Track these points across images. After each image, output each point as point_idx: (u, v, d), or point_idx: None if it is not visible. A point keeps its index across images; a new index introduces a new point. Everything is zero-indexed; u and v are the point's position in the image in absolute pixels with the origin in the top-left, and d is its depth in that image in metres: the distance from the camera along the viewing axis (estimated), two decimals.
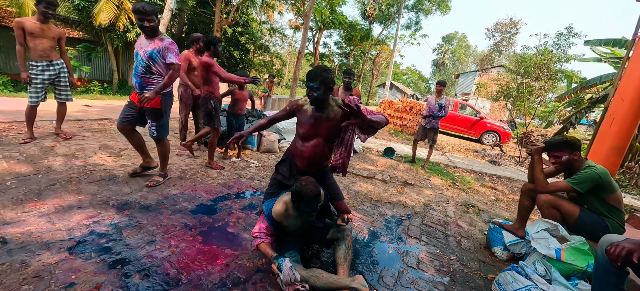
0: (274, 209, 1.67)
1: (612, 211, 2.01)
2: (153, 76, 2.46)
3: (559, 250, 1.72)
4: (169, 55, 2.40)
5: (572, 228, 2.02)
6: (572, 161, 2.13)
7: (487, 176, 5.60)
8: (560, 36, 13.81)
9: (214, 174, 3.23)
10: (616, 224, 1.99)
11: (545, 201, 2.17)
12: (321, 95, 1.63)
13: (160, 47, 2.39)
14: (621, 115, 2.38)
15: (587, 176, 2.00)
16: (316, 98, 1.63)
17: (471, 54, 43.63)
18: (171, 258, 1.73)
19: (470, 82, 23.24)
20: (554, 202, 2.13)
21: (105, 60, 12.00)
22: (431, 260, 2.21)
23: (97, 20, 9.35)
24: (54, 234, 1.77)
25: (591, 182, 1.99)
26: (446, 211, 3.32)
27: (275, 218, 1.67)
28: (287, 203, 1.69)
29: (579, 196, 2.09)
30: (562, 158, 2.15)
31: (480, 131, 10.68)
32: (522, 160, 7.75)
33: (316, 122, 1.73)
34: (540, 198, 2.20)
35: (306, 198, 1.53)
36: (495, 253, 2.43)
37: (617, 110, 2.43)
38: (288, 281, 1.46)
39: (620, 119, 2.37)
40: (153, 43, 2.39)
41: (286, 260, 1.52)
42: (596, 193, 2.03)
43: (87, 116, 4.89)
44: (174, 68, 2.45)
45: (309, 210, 1.57)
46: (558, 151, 2.16)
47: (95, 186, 2.48)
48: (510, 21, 30.68)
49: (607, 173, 1.99)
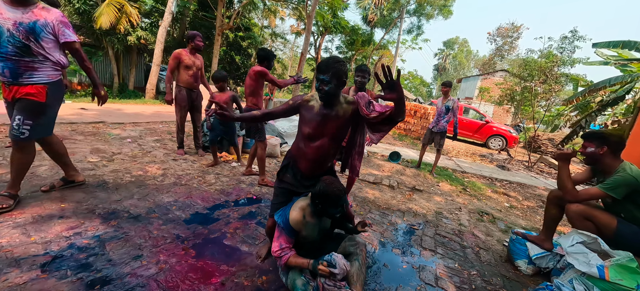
0: (291, 218, 1.48)
1: None
2: (35, 60, 1.83)
3: (601, 267, 1.50)
4: (67, 31, 1.91)
5: (610, 242, 1.79)
6: (599, 157, 1.91)
7: (497, 181, 5.37)
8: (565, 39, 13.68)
9: (211, 180, 3.03)
10: None
11: (576, 212, 1.93)
12: (332, 89, 1.44)
13: (50, 20, 1.83)
14: None
15: (622, 179, 1.78)
16: (327, 92, 1.45)
17: (472, 59, 43.58)
18: (158, 277, 1.52)
19: (473, 87, 23.08)
20: (587, 213, 1.90)
21: (105, 64, 11.91)
22: (450, 276, 1.99)
23: (98, 23, 9.26)
24: (28, 249, 1.57)
25: (627, 186, 1.77)
26: (459, 219, 3.10)
27: (294, 227, 1.47)
28: (304, 209, 1.50)
29: (615, 203, 1.87)
30: (587, 150, 1.95)
31: (486, 135, 10.44)
32: (531, 165, 7.51)
33: (323, 120, 1.52)
34: (571, 208, 1.97)
35: (333, 196, 1.41)
36: (519, 267, 2.21)
37: None
38: (344, 270, 1.39)
39: None
40: (30, 12, 1.78)
41: (334, 254, 1.42)
42: (635, 200, 1.81)
43: (81, 118, 4.72)
44: (77, 47, 1.96)
45: (335, 211, 1.45)
46: (588, 141, 1.98)
47: (82, 192, 2.28)
48: (512, 25, 30.63)
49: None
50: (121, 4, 9.73)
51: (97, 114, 5.42)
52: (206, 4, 13.22)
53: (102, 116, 5.27)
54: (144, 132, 4.58)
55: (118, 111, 6.22)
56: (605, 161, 1.91)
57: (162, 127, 5.22)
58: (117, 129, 4.51)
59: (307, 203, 1.52)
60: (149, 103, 8.86)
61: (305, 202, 1.53)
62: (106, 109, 6.26)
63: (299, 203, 1.53)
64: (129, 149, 3.56)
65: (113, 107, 6.82)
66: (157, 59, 9.91)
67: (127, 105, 7.75)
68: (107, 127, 4.47)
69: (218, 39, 12.36)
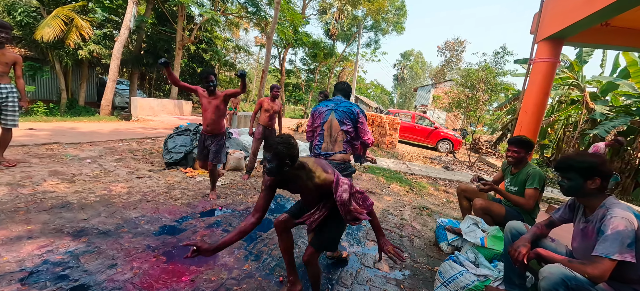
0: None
1: (535, 207, 2.37)
2: None
3: (482, 239, 2.07)
4: None
5: (500, 225, 2.38)
6: (522, 159, 2.43)
7: (440, 180, 6.16)
8: (497, 54, 15.88)
9: (177, 194, 3.22)
10: (529, 218, 2.39)
11: (480, 208, 2.51)
12: (274, 168, 1.45)
13: None
14: (526, 124, 2.93)
15: (538, 173, 2.31)
16: (268, 170, 1.46)
17: (427, 69, 47.34)
18: (134, 280, 1.75)
19: (427, 95, 25.18)
20: (486, 207, 2.49)
21: (52, 78, 11.08)
22: (386, 259, 2.45)
23: (38, 34, 8.65)
24: (2, 267, 1.70)
25: (542, 178, 2.32)
26: (403, 214, 3.65)
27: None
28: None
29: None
30: (520, 154, 2.42)
31: (435, 139, 11.64)
32: (472, 164, 8.60)
33: (296, 189, 1.64)
34: (476, 204, 2.54)
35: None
36: (442, 248, 2.76)
37: (523, 120, 3.00)
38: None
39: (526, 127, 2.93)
40: None
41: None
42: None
43: (33, 140, 4.53)
44: None
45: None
46: (519, 147, 2.42)
47: (47, 214, 2.37)
48: (457, 41, 34.20)
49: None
50: (70, 17, 9.25)
51: (49, 134, 5.20)
52: (165, 18, 12.99)
53: (55, 136, 5.07)
54: (104, 151, 4.55)
55: (72, 130, 5.96)
56: (523, 161, 2.45)
57: (122, 145, 5.18)
58: (74, 149, 4.42)
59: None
60: (104, 120, 8.47)
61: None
62: (59, 128, 5.96)
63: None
64: (90, 170, 3.59)
65: (66, 126, 6.48)
66: (113, 75, 9.52)
67: (81, 123, 7.37)
68: (62, 148, 4.37)
69: (179, 53, 12.19)
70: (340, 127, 2.23)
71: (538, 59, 3.21)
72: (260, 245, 2.38)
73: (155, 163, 4.31)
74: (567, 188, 1.43)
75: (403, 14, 22.51)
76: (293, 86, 25.80)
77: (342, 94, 2.41)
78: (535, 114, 2.98)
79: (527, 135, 2.95)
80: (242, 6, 14.19)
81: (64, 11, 9.07)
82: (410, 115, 12.81)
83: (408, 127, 11.99)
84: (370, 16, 21.26)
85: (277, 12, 7.51)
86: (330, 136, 2.25)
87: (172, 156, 4.19)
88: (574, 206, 1.56)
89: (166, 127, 7.87)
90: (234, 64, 22.20)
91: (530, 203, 2.28)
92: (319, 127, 2.29)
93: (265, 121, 4.22)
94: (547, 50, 3.15)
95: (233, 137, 5.32)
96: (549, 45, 3.16)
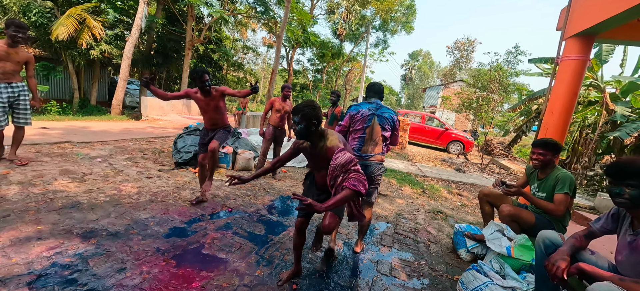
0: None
1: (566, 214, 2.20)
2: None
3: (509, 248, 1.93)
4: None
5: (531, 233, 2.22)
6: (550, 162, 2.26)
7: (453, 183, 5.99)
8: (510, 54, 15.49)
9: (187, 195, 3.17)
10: (560, 226, 2.23)
11: (507, 215, 2.35)
12: (303, 130, 1.63)
13: None
14: (552, 126, 2.76)
15: (567, 177, 2.15)
16: (298, 132, 1.65)
17: (435, 70, 46.73)
18: (143, 285, 1.69)
19: (436, 96, 24.80)
20: (514, 214, 2.32)
21: (65, 78, 11.28)
22: (403, 267, 2.34)
23: (53, 34, 8.82)
24: (11, 269, 1.66)
25: (572, 182, 2.15)
26: (417, 218, 3.52)
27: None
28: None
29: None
30: (546, 157, 2.25)
31: (446, 141, 11.40)
32: (484, 167, 8.37)
33: (314, 157, 1.77)
34: (503, 211, 2.38)
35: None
36: (461, 255, 2.63)
37: (549, 122, 2.82)
38: None
39: (552, 128, 2.75)
40: None
41: None
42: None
43: (45, 139, 4.56)
44: None
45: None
46: (546, 149, 2.26)
47: (57, 214, 2.34)
48: (467, 40, 33.64)
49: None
50: (82, 17, 9.39)
51: (61, 133, 5.24)
52: (175, 18, 13.10)
53: (67, 135, 5.11)
54: (114, 150, 4.55)
55: (84, 129, 6.01)
56: (551, 165, 2.28)
57: (132, 145, 5.18)
58: (85, 148, 4.43)
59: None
60: (115, 120, 8.56)
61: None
62: (70, 127, 6.03)
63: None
64: (100, 169, 3.57)
65: (77, 125, 6.55)
66: (124, 75, 9.63)
67: (92, 122, 7.45)
68: (74, 147, 4.38)
69: (188, 53, 12.27)
70: (381, 131, 2.35)
71: (566, 57, 3.01)
72: (271, 249, 2.30)
73: (165, 163, 4.28)
74: (633, 197, 1.24)
75: (412, 13, 22.20)
76: (300, 86, 25.77)
77: (378, 97, 2.52)
78: (563, 114, 2.79)
79: (554, 137, 2.78)
80: (251, 6, 14.21)
81: (77, 11, 9.21)
82: (419, 116, 12.59)
83: (418, 128, 11.78)
84: (378, 16, 21.05)
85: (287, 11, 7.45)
86: (371, 139, 2.34)
87: (181, 156, 4.16)
88: (618, 216, 1.42)
89: (175, 127, 7.90)
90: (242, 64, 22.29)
91: (561, 209, 2.12)
92: (361, 131, 2.36)
93: (276, 121, 4.15)
94: (576, 47, 2.95)
95: (242, 138, 5.27)
96: (578, 42, 2.96)
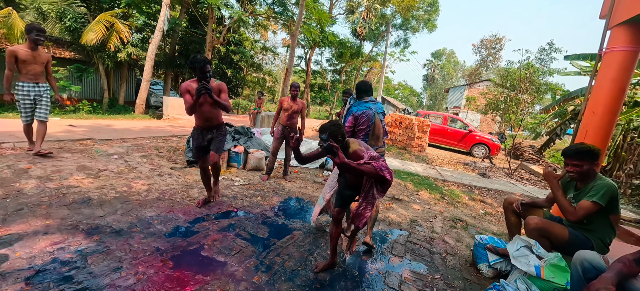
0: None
1: (608, 230, 1.91)
2: None
3: (538, 267, 1.68)
4: None
5: (563, 250, 1.94)
6: (589, 172, 1.94)
7: (476, 189, 5.59)
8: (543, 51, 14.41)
9: (194, 194, 3.15)
10: (600, 244, 1.93)
11: (534, 228, 2.07)
12: (328, 146, 1.75)
13: None
14: (593, 128, 2.40)
15: (606, 187, 1.84)
16: (325, 148, 1.78)
17: (460, 69, 44.85)
18: (136, 287, 1.63)
19: (460, 96, 23.74)
20: (543, 227, 2.04)
21: (96, 79, 11.99)
22: (414, 280, 2.14)
23: (83, 38, 9.38)
24: (13, 263, 1.67)
25: (612, 192, 1.84)
26: (433, 226, 3.27)
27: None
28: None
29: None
30: (584, 168, 1.94)
31: (470, 143, 10.79)
32: (511, 172, 7.80)
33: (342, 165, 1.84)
34: (530, 224, 2.11)
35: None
36: (481, 270, 2.37)
37: (589, 123, 2.46)
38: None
39: (593, 131, 2.40)
40: None
41: None
42: (605, 210, 1.88)
43: (69, 136, 4.79)
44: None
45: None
46: (582, 160, 1.95)
47: (66, 209, 2.38)
48: (495, 37, 31.86)
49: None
50: (111, 22, 9.90)
51: (86, 130, 5.50)
52: (196, 20, 13.50)
53: (91, 132, 5.35)
54: (131, 148, 4.68)
55: (107, 127, 6.29)
56: (591, 174, 1.96)
57: (150, 142, 5.32)
58: (104, 145, 4.60)
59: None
60: (138, 118, 8.94)
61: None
62: (96, 125, 6.33)
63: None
64: (115, 166, 3.66)
65: (103, 123, 6.88)
66: (147, 75, 10.05)
67: (116, 120, 7.81)
68: (94, 144, 4.56)
69: (208, 54, 12.59)
70: (381, 125, 2.66)
71: (612, 48, 2.61)
72: (272, 254, 2.19)
73: (178, 161, 4.33)
74: None
75: (435, 11, 21.38)
76: (318, 86, 25.71)
77: (369, 95, 2.75)
78: (607, 114, 2.40)
79: (595, 141, 2.43)
80: (270, 7, 14.34)
81: (106, 17, 9.73)
82: (441, 117, 12.03)
83: (439, 129, 11.26)
84: (399, 14, 20.48)
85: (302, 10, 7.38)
86: (373, 135, 2.60)
87: (191, 155, 4.18)
88: None
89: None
90: (260, 64, 22.62)
91: (578, 214, 1.86)
92: (366, 129, 2.61)
93: (285, 121, 4.08)
94: (625, 36, 2.55)
95: (255, 137, 5.24)
96: (627, 30, 2.56)
